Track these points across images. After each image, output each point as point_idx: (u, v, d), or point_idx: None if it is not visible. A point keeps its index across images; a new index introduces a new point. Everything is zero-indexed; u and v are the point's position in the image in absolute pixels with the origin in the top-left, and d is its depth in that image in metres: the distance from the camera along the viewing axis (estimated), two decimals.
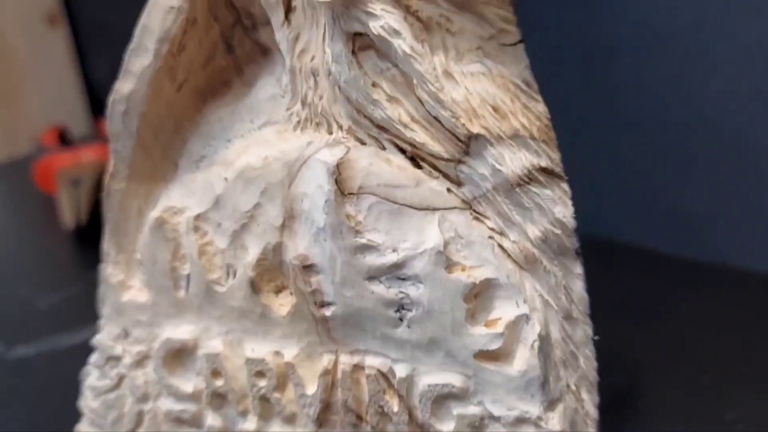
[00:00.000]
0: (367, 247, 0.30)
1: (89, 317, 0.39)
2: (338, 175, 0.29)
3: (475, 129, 0.28)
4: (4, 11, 0.94)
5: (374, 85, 0.29)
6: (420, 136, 0.29)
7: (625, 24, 0.56)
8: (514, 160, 0.28)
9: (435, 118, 0.29)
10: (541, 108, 0.29)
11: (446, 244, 0.29)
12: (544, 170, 0.28)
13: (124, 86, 0.32)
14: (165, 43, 0.30)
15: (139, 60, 0.31)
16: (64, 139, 0.90)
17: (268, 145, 0.31)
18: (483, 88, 0.28)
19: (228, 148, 0.33)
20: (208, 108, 0.33)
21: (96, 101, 1.02)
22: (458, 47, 0.29)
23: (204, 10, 0.31)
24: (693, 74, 0.54)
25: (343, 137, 0.30)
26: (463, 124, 0.28)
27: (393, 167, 0.29)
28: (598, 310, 0.30)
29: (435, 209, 0.29)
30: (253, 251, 0.32)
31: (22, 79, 0.97)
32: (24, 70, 0.97)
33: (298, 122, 0.31)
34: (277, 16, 0.31)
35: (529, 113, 0.28)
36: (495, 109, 0.28)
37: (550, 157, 0.28)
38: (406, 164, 0.30)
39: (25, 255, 0.73)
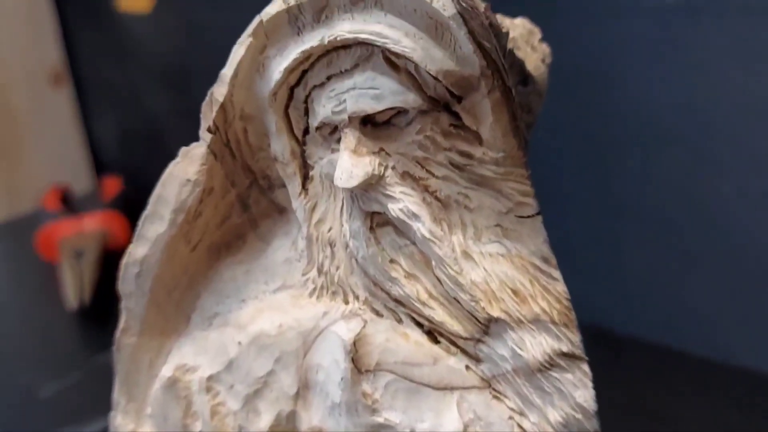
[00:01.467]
0: (384, 426, 0.29)
1: (92, 408, 0.38)
2: (355, 352, 0.29)
3: (495, 312, 0.28)
4: (10, 69, 0.94)
5: (392, 261, 0.29)
6: (438, 314, 0.29)
7: (636, 125, 0.55)
8: (535, 345, 0.28)
9: (454, 298, 0.28)
10: (560, 288, 0.28)
11: (465, 427, 0.28)
12: (565, 355, 0.28)
13: (137, 250, 0.31)
14: (180, 213, 0.30)
15: (154, 227, 0.31)
16: (66, 200, 0.89)
17: (283, 311, 0.31)
18: (502, 270, 0.28)
19: (242, 308, 0.32)
20: (222, 264, 0.33)
21: (99, 160, 1.02)
22: (476, 224, 0.29)
23: (221, 178, 0.31)
24: (702, 176, 0.54)
25: (360, 308, 0.30)
26: (483, 308, 0.28)
27: (410, 343, 0.29)
28: (603, 408, 0.29)
29: (453, 389, 0.29)
30: (266, 417, 0.31)
31: (25, 137, 0.97)
32: (27, 128, 0.97)
33: (314, 289, 0.31)
34: (294, 186, 0.30)
35: (549, 296, 0.28)
36: (515, 292, 0.28)
37: (571, 341, 0.28)
38: (424, 339, 0.29)
39: (27, 335, 0.72)
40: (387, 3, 0.26)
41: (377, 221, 0.29)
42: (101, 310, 0.71)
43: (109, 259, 0.77)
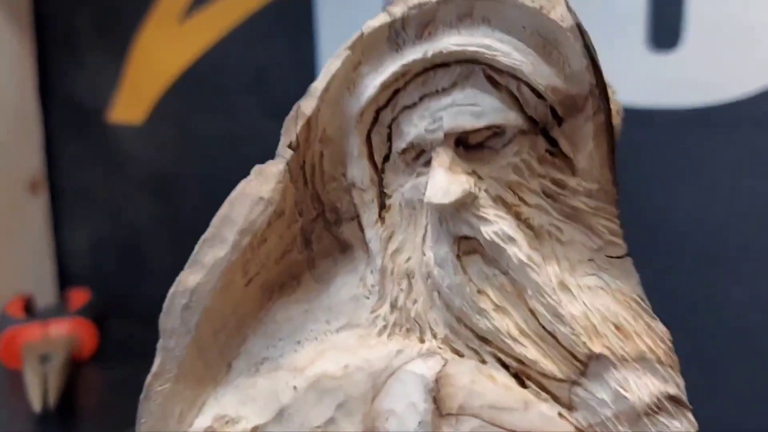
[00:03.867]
0: None
1: None
2: (437, 392, 0.26)
3: (597, 348, 0.26)
4: None
5: (480, 292, 0.27)
6: (531, 352, 0.26)
7: (649, 232, 0.56)
8: (641, 386, 0.25)
9: (550, 333, 0.26)
10: (662, 328, 0.27)
11: None
12: (672, 398, 0.25)
13: (189, 278, 0.28)
14: (247, 235, 0.28)
15: (213, 251, 0.28)
16: (29, 309, 0.84)
17: (349, 351, 0.28)
18: (603, 304, 0.26)
19: (297, 351, 0.29)
20: (275, 304, 0.30)
21: (66, 272, 0.97)
22: (569, 258, 0.27)
23: (291, 204, 0.29)
24: (716, 280, 0.54)
25: (439, 347, 0.27)
26: (584, 342, 0.26)
27: (498, 386, 0.26)
28: None
29: None
30: None
31: None
32: None
33: (385, 327, 0.28)
34: (370, 214, 0.29)
35: (653, 334, 0.26)
36: (618, 327, 0.26)
37: (677, 384, 0.26)
38: (512, 382, 0.27)
39: None
40: (495, 19, 0.26)
41: (464, 248, 0.27)
42: (66, 416, 0.64)
43: (76, 366, 0.72)
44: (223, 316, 0.29)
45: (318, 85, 0.27)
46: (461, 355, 0.27)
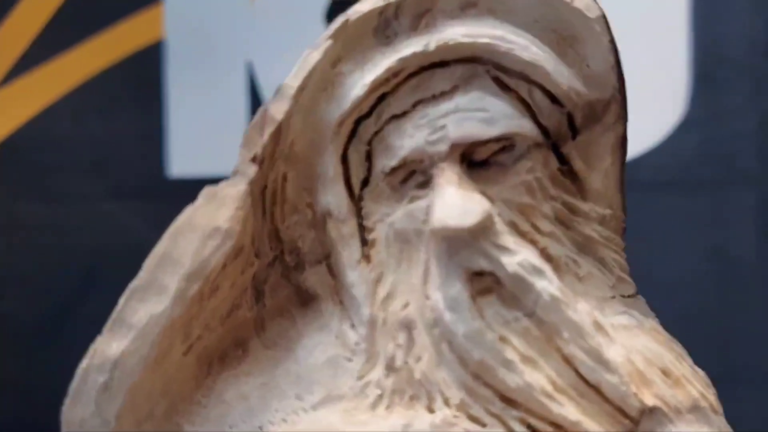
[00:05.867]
0: None
1: None
2: None
3: (650, 401, 0.21)
4: None
5: (502, 340, 0.21)
6: (571, 411, 0.21)
7: None
8: None
9: (593, 385, 0.21)
10: (702, 372, 0.23)
11: None
12: None
13: (111, 345, 0.20)
14: (196, 281, 0.21)
15: (147, 306, 0.20)
16: None
17: None
18: (644, 346, 0.22)
19: None
20: (218, 380, 0.23)
21: None
22: (590, 295, 0.23)
23: (250, 238, 0.22)
24: None
25: (455, 415, 0.21)
26: (635, 394, 0.21)
27: None
28: None
29: None
30: None
31: None
32: None
33: (380, 396, 0.22)
34: (351, 252, 0.23)
35: (699, 378, 0.22)
36: (665, 372, 0.22)
37: None
38: None
39: None
40: (502, 10, 0.22)
41: (477, 287, 0.22)
42: None
43: None
44: (151, 398, 0.21)
45: (292, 83, 0.22)
46: (482, 425, 0.21)
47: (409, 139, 0.22)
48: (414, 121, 0.22)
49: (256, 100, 0.59)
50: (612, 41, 0.22)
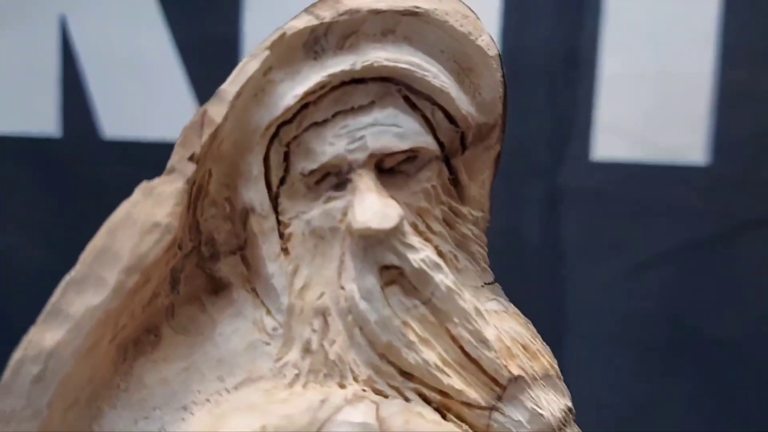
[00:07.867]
0: None
1: None
2: None
3: (516, 370, 0.26)
4: None
5: (405, 324, 0.25)
6: (456, 382, 0.25)
7: None
8: (551, 403, 0.26)
9: (473, 360, 0.25)
10: (548, 347, 0.28)
11: None
12: (570, 410, 0.27)
13: (46, 336, 0.20)
14: (133, 275, 0.21)
15: (84, 297, 0.21)
16: None
17: (257, 410, 0.23)
18: (510, 327, 0.27)
19: (186, 419, 0.23)
20: (135, 366, 0.23)
21: None
22: (467, 284, 0.27)
23: (181, 231, 0.23)
24: None
25: (363, 389, 0.24)
26: (505, 366, 0.26)
27: (429, 423, 0.25)
28: None
29: None
30: None
31: None
32: None
33: (297, 375, 0.24)
34: (271, 245, 0.25)
35: (547, 351, 0.27)
36: (525, 348, 0.27)
37: (568, 396, 0.27)
38: (438, 417, 0.25)
39: None
40: (415, 39, 0.25)
41: (385, 279, 0.25)
42: None
43: None
44: (78, 387, 0.22)
45: (230, 89, 0.23)
46: (385, 396, 0.25)
47: (330, 146, 0.24)
48: (335, 130, 0.24)
49: (68, 57, 0.56)
50: (503, 77, 0.26)
